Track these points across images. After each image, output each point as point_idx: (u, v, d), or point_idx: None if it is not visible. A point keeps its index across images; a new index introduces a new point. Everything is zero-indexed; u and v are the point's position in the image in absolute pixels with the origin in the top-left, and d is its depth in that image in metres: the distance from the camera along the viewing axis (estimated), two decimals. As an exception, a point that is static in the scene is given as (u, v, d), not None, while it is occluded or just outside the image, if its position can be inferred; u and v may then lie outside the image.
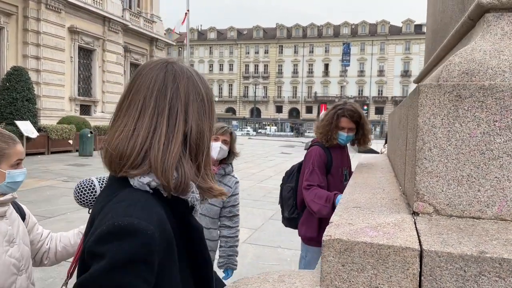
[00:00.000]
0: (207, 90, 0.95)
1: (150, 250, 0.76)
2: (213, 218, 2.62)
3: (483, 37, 1.24)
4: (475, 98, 1.09)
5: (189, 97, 0.89)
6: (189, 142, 0.88)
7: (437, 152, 1.12)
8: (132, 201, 0.80)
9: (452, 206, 1.12)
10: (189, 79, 0.91)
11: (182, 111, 0.88)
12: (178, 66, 0.92)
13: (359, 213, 1.23)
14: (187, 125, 0.88)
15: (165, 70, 0.90)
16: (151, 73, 0.89)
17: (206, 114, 0.93)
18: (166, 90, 0.88)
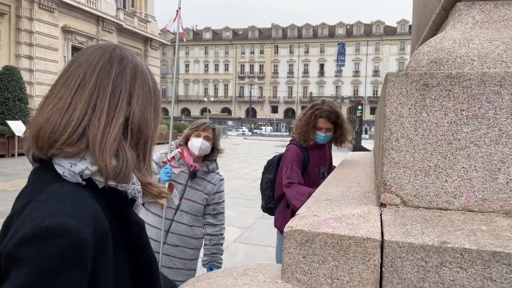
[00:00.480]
0: (154, 84, 0.91)
1: (82, 252, 0.68)
2: (195, 216, 2.59)
3: (454, 26, 1.22)
4: (442, 87, 1.06)
5: (135, 81, 0.84)
6: (130, 127, 0.82)
7: (404, 142, 1.10)
8: (61, 197, 0.71)
9: (419, 197, 1.10)
10: (137, 65, 0.87)
11: (126, 92, 0.82)
12: (127, 51, 0.88)
13: (328, 205, 1.21)
14: (130, 107, 0.82)
15: (113, 50, 0.85)
16: (96, 52, 0.84)
17: (152, 105, 0.88)
18: (111, 69, 0.82)
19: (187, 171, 2.52)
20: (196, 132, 2.55)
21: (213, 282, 1.04)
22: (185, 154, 2.53)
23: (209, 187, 2.61)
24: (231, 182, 11.43)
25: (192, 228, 2.59)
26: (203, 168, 2.58)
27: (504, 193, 1.04)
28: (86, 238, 0.68)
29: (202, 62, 77.10)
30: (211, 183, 2.62)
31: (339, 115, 2.77)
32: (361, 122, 25.65)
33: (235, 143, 31.47)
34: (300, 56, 73.04)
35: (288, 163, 2.76)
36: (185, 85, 77.84)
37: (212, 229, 2.65)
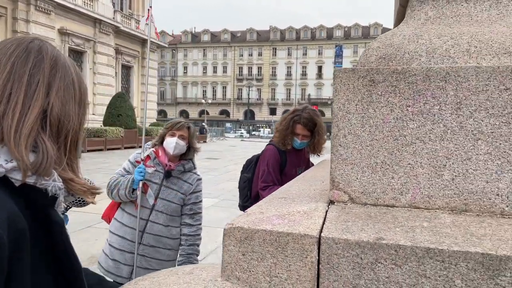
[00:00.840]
0: (80, 79, 0.87)
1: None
2: (171, 216, 2.57)
3: (406, 22, 1.21)
4: (388, 82, 1.06)
5: (55, 73, 0.81)
6: (49, 118, 0.78)
7: (352, 139, 1.09)
8: None
9: (366, 194, 1.09)
10: (58, 56, 0.83)
11: (44, 83, 0.78)
12: (48, 43, 0.85)
13: (280, 203, 1.20)
14: (49, 98, 0.78)
15: (31, 41, 0.81)
16: (12, 42, 0.80)
17: (75, 99, 0.84)
18: (27, 58, 0.78)
19: (162, 170, 2.51)
20: (170, 131, 2.53)
21: (156, 281, 1.02)
22: (160, 154, 2.52)
23: (186, 187, 2.59)
24: (226, 183, 11.42)
25: (168, 228, 2.57)
26: (178, 167, 2.56)
27: (449, 190, 1.03)
28: (2, 241, 0.64)
29: (200, 64, 77.14)
30: (188, 182, 2.60)
31: (317, 124, 2.81)
32: (358, 124, 25.72)
33: (232, 145, 31.46)
34: (298, 58, 73.13)
35: (265, 165, 2.82)
36: (184, 87, 77.84)
37: (189, 229, 2.63)
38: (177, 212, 2.60)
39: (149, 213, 2.49)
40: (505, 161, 1.00)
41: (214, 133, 44.03)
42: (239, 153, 23.01)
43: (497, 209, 1.02)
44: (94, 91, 25.67)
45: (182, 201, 2.60)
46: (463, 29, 1.13)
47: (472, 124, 1.01)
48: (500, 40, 1.07)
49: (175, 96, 77.50)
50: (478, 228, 0.94)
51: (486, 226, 0.95)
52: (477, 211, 1.03)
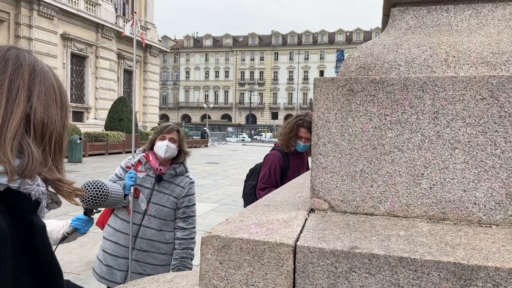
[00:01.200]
0: (59, 83, 0.90)
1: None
2: (165, 220, 2.58)
3: (387, 32, 1.23)
4: (366, 92, 1.07)
5: (34, 78, 0.83)
6: (33, 122, 0.80)
7: (331, 147, 1.10)
8: None
9: (346, 202, 1.09)
10: (35, 62, 0.85)
11: (24, 88, 0.80)
12: (25, 51, 0.87)
13: (263, 210, 1.20)
14: (31, 103, 0.80)
15: (8, 49, 0.84)
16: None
17: (57, 104, 0.87)
18: (6, 65, 0.80)
19: (153, 175, 2.52)
20: (160, 135, 2.55)
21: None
22: (150, 158, 2.53)
23: (178, 191, 2.60)
24: (226, 188, 11.42)
25: (162, 233, 2.58)
26: (170, 171, 2.57)
27: (427, 198, 1.04)
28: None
29: (202, 69, 77.42)
30: (180, 186, 2.61)
31: None
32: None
33: (234, 149, 31.48)
34: (300, 63, 73.32)
35: (267, 168, 2.99)
36: (186, 92, 78.09)
37: (182, 233, 2.63)
38: (170, 216, 2.61)
39: (141, 218, 2.50)
40: (482, 170, 1.00)
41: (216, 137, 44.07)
42: (240, 158, 23.04)
43: (475, 217, 1.02)
44: (96, 95, 25.78)
45: (175, 205, 2.60)
46: (442, 39, 1.14)
47: (449, 134, 1.02)
48: (478, 50, 1.08)
49: (177, 101, 77.74)
50: (454, 237, 0.94)
51: (462, 235, 0.96)
52: (454, 220, 1.03)
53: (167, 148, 2.50)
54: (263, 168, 3.05)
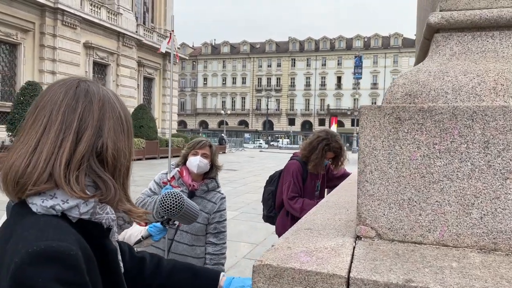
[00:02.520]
0: (124, 110, 0.93)
1: (78, 271, 0.70)
2: (196, 235, 2.61)
3: (431, 58, 1.23)
4: (414, 120, 1.07)
5: (104, 113, 0.86)
6: (105, 159, 0.84)
7: (378, 175, 1.10)
8: (42, 226, 0.73)
9: (393, 230, 1.10)
10: (104, 96, 0.88)
11: (94, 126, 0.84)
12: (92, 84, 0.89)
13: (307, 235, 1.21)
14: (101, 140, 0.84)
15: (77, 85, 0.87)
16: (61, 89, 0.85)
17: (124, 133, 0.90)
18: (76, 104, 0.83)
19: (186, 190, 2.56)
20: (193, 150, 2.59)
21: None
22: (184, 174, 2.57)
23: (210, 206, 2.63)
24: (245, 195, 11.44)
25: (193, 248, 2.61)
26: (202, 187, 2.61)
27: (478, 228, 1.03)
28: (77, 255, 0.70)
29: (220, 76, 78.03)
30: (212, 201, 2.64)
31: (342, 147, 3.33)
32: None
33: (251, 156, 31.52)
34: (317, 69, 73.11)
35: (290, 177, 3.24)
36: (203, 98, 78.79)
37: (213, 248, 2.66)
38: (202, 232, 2.64)
39: (174, 233, 2.54)
40: (535, 201, 0.99)
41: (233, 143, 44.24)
42: (258, 165, 23.05)
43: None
44: (117, 102, 26.24)
45: (206, 221, 2.63)
46: (489, 66, 1.14)
47: (500, 163, 1.01)
48: (528, 78, 1.08)
49: (195, 107, 78.49)
50: (508, 270, 0.93)
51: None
52: (506, 251, 1.02)
53: (200, 163, 2.53)
54: (286, 178, 3.26)
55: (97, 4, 24.67)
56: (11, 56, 20.36)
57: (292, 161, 3.35)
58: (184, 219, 2.02)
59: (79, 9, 22.77)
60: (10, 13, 19.26)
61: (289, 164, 3.34)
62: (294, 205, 3.17)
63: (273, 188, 3.44)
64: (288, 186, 3.20)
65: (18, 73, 20.38)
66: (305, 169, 3.27)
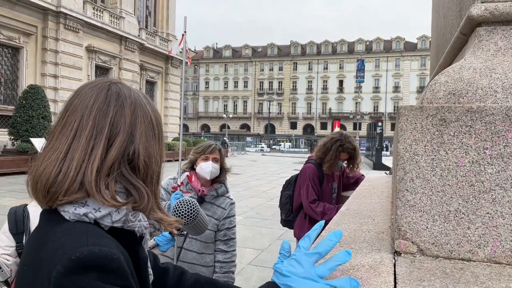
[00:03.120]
0: (155, 113, 0.87)
1: (124, 275, 0.68)
2: (206, 242, 2.49)
3: (474, 54, 1.11)
4: (462, 122, 0.95)
5: (136, 118, 0.81)
6: (137, 166, 0.80)
7: (420, 183, 0.98)
8: (79, 232, 0.70)
9: (438, 245, 0.98)
10: (136, 99, 0.83)
11: (126, 132, 0.79)
12: (124, 86, 0.85)
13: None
14: (133, 146, 0.79)
15: (108, 88, 0.82)
16: (91, 92, 0.81)
17: (155, 138, 0.84)
18: (108, 108, 0.79)
19: (195, 196, 2.45)
20: (203, 155, 2.48)
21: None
22: (193, 179, 2.46)
23: (219, 212, 2.52)
24: (248, 200, 11.31)
25: (202, 256, 2.49)
26: (211, 192, 2.50)
27: (536, 244, 0.91)
28: (120, 259, 0.68)
29: (221, 79, 78.07)
30: (221, 207, 2.53)
31: (356, 148, 3.32)
32: (381, 138, 25.21)
33: (253, 160, 31.40)
34: (319, 73, 73.09)
35: (308, 180, 3.25)
36: (205, 102, 78.84)
37: (223, 256, 2.55)
38: (211, 239, 2.52)
39: (183, 240, 2.43)
40: None
41: (235, 147, 44.15)
42: (260, 168, 22.92)
43: None
44: (119, 106, 26.21)
45: (216, 227, 2.52)
46: (542, 62, 1.02)
47: (563, 171, 0.90)
48: None
49: (196, 111, 78.52)
50: None
51: None
52: None
53: (212, 169, 2.43)
54: (303, 181, 3.28)
55: (100, 8, 24.67)
56: (14, 60, 20.32)
57: (307, 164, 3.38)
58: (194, 229, 1.91)
59: (82, 13, 22.76)
60: (12, 17, 19.24)
61: (304, 168, 3.35)
62: (316, 208, 3.18)
63: (290, 192, 3.48)
64: (306, 189, 3.22)
65: (21, 77, 20.33)
66: (321, 171, 3.29)
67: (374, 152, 25.02)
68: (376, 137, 24.99)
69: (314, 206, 3.18)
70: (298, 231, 3.36)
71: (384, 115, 67.25)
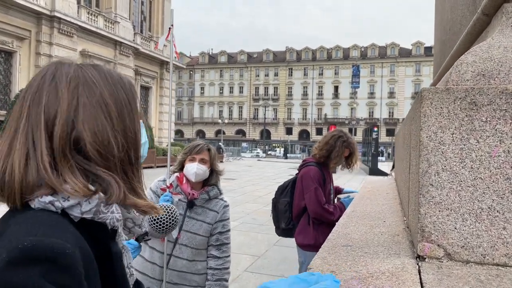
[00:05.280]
0: (113, 90, 0.76)
1: (74, 274, 0.60)
2: (197, 249, 2.33)
3: (502, 32, 0.99)
4: (495, 106, 0.83)
5: (76, 99, 0.71)
6: (87, 154, 0.71)
7: (447, 177, 0.85)
8: (37, 220, 0.64)
9: (469, 248, 0.84)
10: (77, 77, 0.73)
11: (63, 118, 0.69)
12: (70, 65, 0.74)
13: (348, 254, 0.96)
14: (75, 132, 0.70)
15: (46, 71, 0.73)
16: (33, 80, 0.74)
17: (111, 118, 0.73)
18: (41, 94, 0.71)
19: (185, 199, 2.29)
20: (190, 156, 2.32)
21: None
22: (183, 181, 2.30)
23: (211, 215, 2.36)
24: (244, 205, 11.15)
25: (194, 263, 2.33)
26: (202, 195, 2.34)
27: None
28: (73, 255, 0.61)
29: (217, 85, 78.01)
30: (213, 210, 2.37)
31: (355, 144, 3.25)
32: (377, 144, 25.14)
33: (249, 165, 31.26)
34: (315, 78, 73.28)
35: (313, 183, 3.08)
36: (200, 107, 78.70)
37: (215, 262, 2.38)
38: (203, 245, 2.36)
39: (172, 247, 2.27)
40: None
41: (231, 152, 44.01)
42: (256, 174, 22.76)
43: None
44: (113, 111, 26.00)
45: (208, 232, 2.36)
46: None
47: None
48: None
49: (192, 116, 78.34)
50: None
51: None
52: None
53: (197, 170, 2.26)
54: (308, 185, 3.11)
55: (94, 12, 24.53)
56: (6, 64, 20.09)
57: (309, 167, 3.21)
58: (157, 235, 1.82)
59: (76, 17, 22.59)
60: (6, 21, 19.04)
61: (307, 170, 3.17)
62: (330, 209, 3.06)
63: (288, 199, 3.30)
64: (315, 192, 3.06)
65: (14, 81, 20.09)
66: (323, 172, 3.17)
67: (370, 158, 24.95)
68: (372, 142, 24.93)
69: (328, 208, 3.05)
70: (302, 237, 3.19)
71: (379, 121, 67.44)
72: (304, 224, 3.19)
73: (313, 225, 3.11)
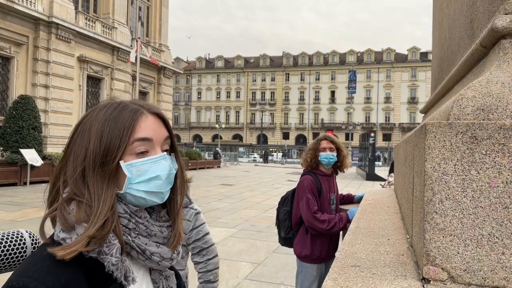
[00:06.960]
0: (98, 123, 0.87)
1: None
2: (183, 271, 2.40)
3: (500, 67, 1.06)
4: (494, 140, 0.90)
5: (75, 143, 0.90)
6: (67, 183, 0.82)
7: (450, 205, 0.92)
8: (41, 258, 0.70)
9: (470, 272, 0.91)
10: (89, 123, 0.90)
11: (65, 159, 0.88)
12: (95, 110, 0.91)
13: (358, 276, 1.02)
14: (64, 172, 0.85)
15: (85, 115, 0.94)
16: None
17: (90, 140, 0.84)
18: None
19: None
20: None
21: None
22: None
23: (184, 225, 2.40)
24: (242, 211, 11.18)
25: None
26: None
27: None
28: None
29: (214, 90, 78.14)
30: (185, 220, 2.42)
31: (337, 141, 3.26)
32: (374, 149, 25.27)
33: (246, 170, 31.27)
34: (311, 83, 73.57)
35: (306, 192, 3.13)
36: (197, 112, 78.72)
37: (197, 267, 2.43)
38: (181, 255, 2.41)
39: None
40: None
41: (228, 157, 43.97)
42: (253, 179, 22.79)
43: None
44: (111, 116, 25.97)
45: (184, 241, 2.41)
46: None
47: None
48: None
49: (188, 121, 78.32)
50: None
51: None
52: None
53: None
54: (301, 194, 3.16)
55: (92, 18, 24.60)
56: (4, 70, 20.09)
57: (304, 176, 3.28)
58: None
59: (74, 23, 22.64)
60: (3, 27, 19.06)
61: (301, 180, 3.26)
62: (320, 217, 3.05)
63: (288, 208, 3.35)
64: (306, 201, 3.09)
65: (11, 87, 20.08)
66: (319, 182, 3.20)
67: (366, 163, 25.06)
68: (369, 147, 25.05)
69: (318, 216, 3.06)
70: (300, 247, 3.23)
71: (375, 125, 67.74)
72: (302, 233, 3.23)
73: (310, 236, 3.14)
